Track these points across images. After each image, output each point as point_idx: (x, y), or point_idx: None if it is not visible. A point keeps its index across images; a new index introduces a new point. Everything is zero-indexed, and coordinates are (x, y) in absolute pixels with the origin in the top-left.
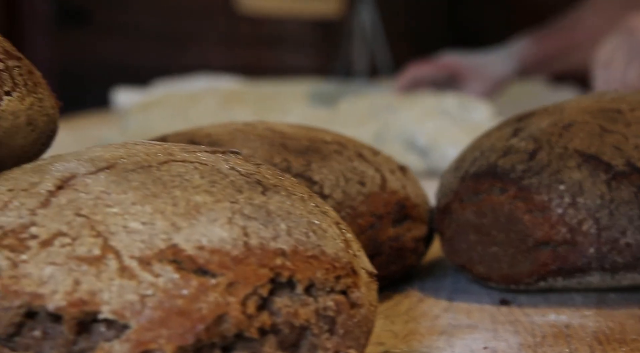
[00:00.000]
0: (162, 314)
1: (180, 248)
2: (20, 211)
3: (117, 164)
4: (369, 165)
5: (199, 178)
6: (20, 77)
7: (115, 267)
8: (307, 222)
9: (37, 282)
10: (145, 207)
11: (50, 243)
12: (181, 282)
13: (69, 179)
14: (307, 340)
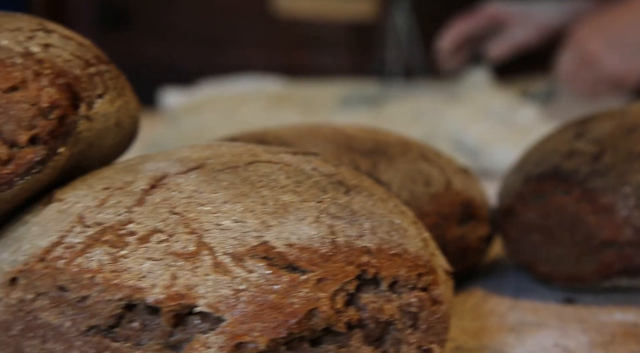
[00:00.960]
0: (256, 308)
1: (271, 246)
2: (117, 209)
3: (206, 164)
4: (433, 166)
5: (285, 179)
6: (110, 81)
7: (210, 262)
8: (388, 221)
9: (137, 276)
10: (236, 206)
11: (147, 240)
12: (273, 277)
13: (161, 178)
14: (391, 335)
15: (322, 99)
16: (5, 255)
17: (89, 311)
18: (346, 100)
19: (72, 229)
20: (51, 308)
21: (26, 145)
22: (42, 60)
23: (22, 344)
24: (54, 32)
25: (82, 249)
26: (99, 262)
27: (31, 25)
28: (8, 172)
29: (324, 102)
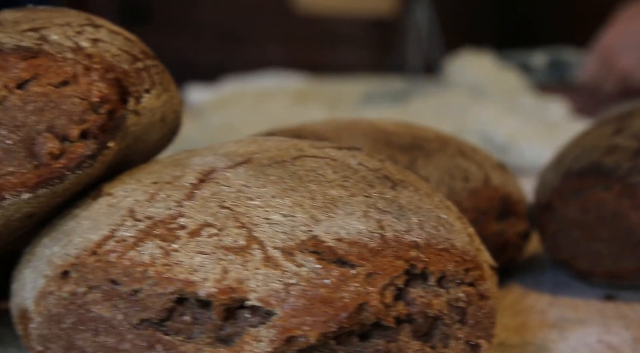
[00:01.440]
0: (306, 302)
1: (320, 240)
2: (167, 203)
3: (253, 158)
4: (471, 161)
5: (332, 173)
6: (156, 75)
7: (260, 256)
8: (435, 216)
9: (189, 269)
10: (285, 200)
11: (198, 234)
12: (323, 271)
13: (210, 173)
14: (439, 330)
15: (346, 95)
16: (56, 249)
17: (141, 304)
18: (370, 96)
19: (123, 223)
20: (103, 302)
21: (77, 139)
22: (91, 55)
23: (73, 337)
24: (101, 27)
25: (134, 243)
26: (151, 256)
27: (79, 20)
28: (60, 166)
29: (348, 98)
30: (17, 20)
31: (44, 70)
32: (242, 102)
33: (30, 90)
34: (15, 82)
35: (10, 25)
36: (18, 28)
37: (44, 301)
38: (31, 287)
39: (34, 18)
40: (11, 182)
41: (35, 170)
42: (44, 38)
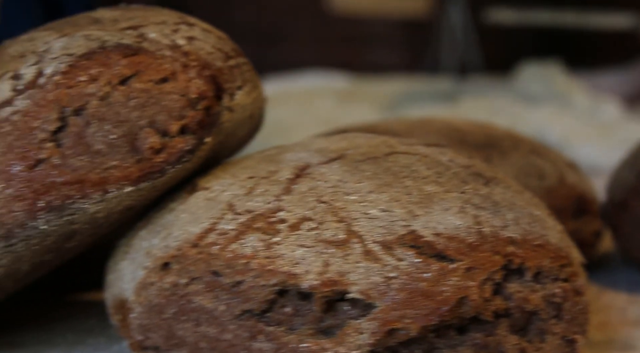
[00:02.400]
0: (407, 295)
1: (419, 235)
2: (265, 197)
3: (346, 154)
4: (545, 160)
5: (426, 170)
6: (247, 73)
7: (360, 250)
8: (529, 212)
9: (291, 262)
10: (382, 196)
11: (298, 227)
12: (422, 265)
13: (305, 168)
14: (535, 325)
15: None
16: (155, 241)
17: (243, 296)
18: (416, 96)
19: (223, 216)
20: (205, 293)
21: (176, 134)
22: (188, 53)
23: (174, 327)
24: (195, 26)
25: (236, 236)
26: (253, 248)
27: (173, 18)
28: (160, 161)
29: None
30: (115, 19)
31: (144, 67)
32: (289, 101)
33: (133, 87)
34: (118, 78)
35: (109, 23)
36: (117, 26)
37: (144, 292)
38: (130, 278)
39: (130, 16)
40: (115, 175)
41: (137, 164)
42: (142, 36)
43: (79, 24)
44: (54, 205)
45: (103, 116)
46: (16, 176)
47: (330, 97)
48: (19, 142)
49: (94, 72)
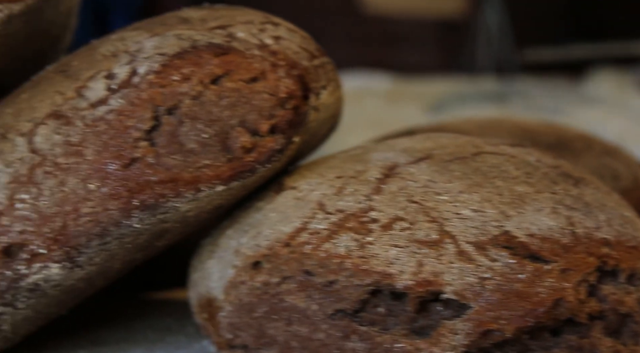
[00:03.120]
0: (502, 296)
1: (512, 235)
2: (356, 197)
3: (433, 154)
4: (618, 161)
5: (515, 170)
6: (330, 73)
7: (454, 250)
8: (620, 214)
9: (385, 262)
10: (473, 196)
11: (390, 227)
12: (517, 266)
13: (393, 168)
14: (628, 327)
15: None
16: (244, 240)
17: (336, 295)
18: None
19: (315, 216)
20: (297, 292)
21: (266, 134)
22: (276, 52)
23: (265, 325)
24: (280, 25)
25: (328, 235)
26: (347, 248)
27: (259, 18)
28: (251, 160)
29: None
30: (203, 18)
31: (235, 66)
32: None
33: (224, 86)
34: (210, 77)
35: (198, 23)
36: (206, 26)
37: (234, 290)
38: (218, 277)
39: (218, 16)
40: (207, 174)
41: (228, 163)
42: (231, 35)
43: (168, 24)
44: (148, 203)
45: (196, 115)
46: (111, 175)
47: (378, 97)
48: (114, 141)
49: (186, 72)
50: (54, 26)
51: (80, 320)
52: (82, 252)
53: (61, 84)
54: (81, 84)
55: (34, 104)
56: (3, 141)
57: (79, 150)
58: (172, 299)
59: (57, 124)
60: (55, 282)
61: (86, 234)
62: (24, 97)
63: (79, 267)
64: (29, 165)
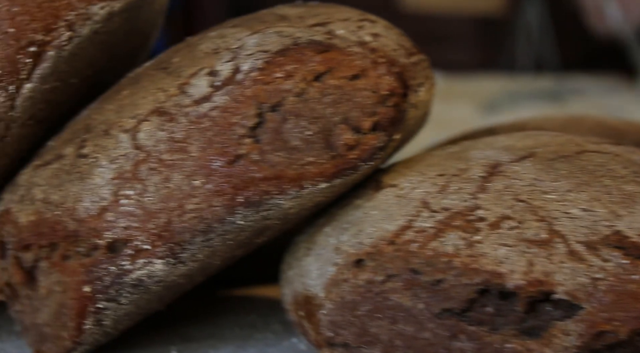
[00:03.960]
0: (615, 297)
1: (624, 235)
2: (460, 195)
3: (536, 152)
4: None
5: (622, 169)
6: (427, 70)
7: (564, 250)
8: None
9: (495, 261)
10: (581, 195)
11: (498, 226)
12: (630, 267)
13: (496, 166)
14: None
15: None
16: (345, 238)
17: (443, 294)
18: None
19: (419, 214)
20: (403, 291)
21: (368, 131)
22: (375, 49)
23: (368, 324)
24: (377, 22)
25: (435, 233)
26: (455, 247)
27: (356, 15)
28: (354, 157)
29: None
30: (301, 16)
31: (337, 63)
32: None
33: (327, 83)
34: (312, 75)
35: (297, 20)
36: (305, 23)
37: (336, 288)
38: (317, 274)
39: (315, 13)
40: (311, 171)
41: (332, 161)
42: (331, 33)
43: (267, 21)
44: (252, 200)
45: (299, 112)
46: (216, 171)
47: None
48: (219, 138)
49: (289, 69)
50: (147, 24)
51: (166, 315)
52: (185, 249)
53: (163, 81)
54: (183, 81)
55: (136, 101)
56: (106, 137)
57: (183, 146)
58: (251, 296)
59: (161, 121)
60: (158, 278)
61: (190, 230)
62: (125, 94)
63: (182, 263)
64: (133, 161)
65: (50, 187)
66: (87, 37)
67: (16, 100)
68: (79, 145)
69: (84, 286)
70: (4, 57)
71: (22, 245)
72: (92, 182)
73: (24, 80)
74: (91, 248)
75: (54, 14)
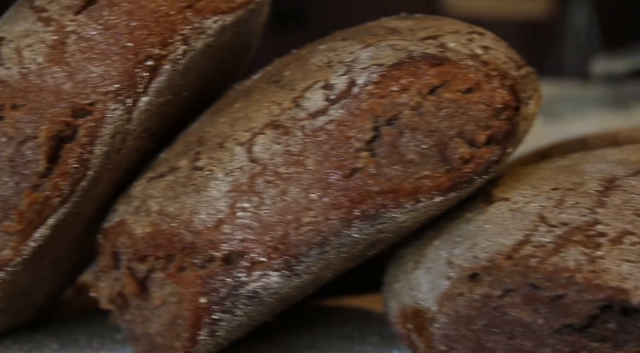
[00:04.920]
0: None
1: None
2: (578, 209)
3: None
4: None
5: None
6: (535, 82)
7: None
8: None
9: (618, 277)
10: None
11: (620, 242)
12: None
13: (612, 181)
14: None
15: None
16: (457, 252)
17: (564, 310)
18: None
19: (537, 228)
20: (522, 305)
21: (483, 145)
22: (487, 62)
23: (484, 338)
24: (485, 35)
25: (555, 248)
26: (576, 262)
27: (464, 27)
28: (469, 171)
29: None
30: (411, 29)
31: (451, 77)
32: None
33: (442, 97)
34: (427, 88)
35: (407, 33)
36: (416, 36)
37: (450, 302)
38: (429, 287)
39: (425, 26)
40: (427, 185)
41: (447, 174)
42: (443, 45)
43: (377, 34)
44: (369, 214)
45: (415, 126)
46: (333, 184)
47: None
48: (335, 151)
49: (404, 82)
50: (251, 36)
51: (263, 325)
52: (301, 261)
53: (276, 95)
54: (298, 94)
55: (250, 114)
56: (221, 150)
57: (299, 160)
58: (342, 306)
59: (276, 134)
60: (273, 290)
61: (307, 243)
62: (238, 107)
63: (297, 275)
64: (250, 174)
65: (166, 199)
66: (201, 51)
67: (133, 114)
68: (193, 158)
69: (200, 297)
70: (123, 71)
71: (138, 256)
72: (208, 195)
73: (140, 94)
74: (207, 260)
75: (171, 28)
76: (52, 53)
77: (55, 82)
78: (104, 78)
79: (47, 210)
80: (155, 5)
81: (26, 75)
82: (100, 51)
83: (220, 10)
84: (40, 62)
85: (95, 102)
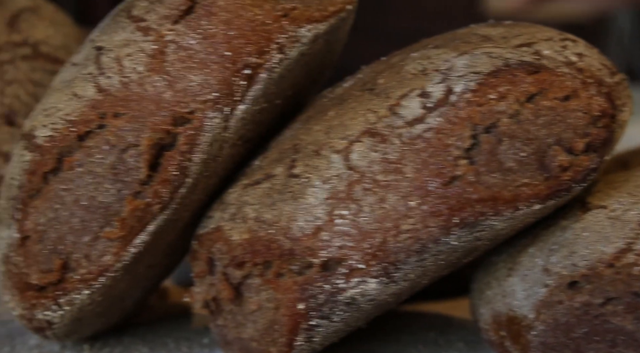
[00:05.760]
0: None
1: None
2: None
3: None
4: None
5: None
6: (627, 90)
7: None
8: None
9: None
10: None
11: None
12: None
13: None
14: None
15: None
16: (554, 259)
17: None
18: None
19: (638, 236)
20: (625, 314)
21: (581, 152)
22: (582, 69)
23: (583, 346)
24: (577, 42)
25: None
26: None
27: (556, 35)
28: (568, 179)
29: None
30: (504, 36)
31: (548, 84)
32: None
33: (540, 104)
34: (525, 96)
35: (501, 40)
36: (510, 43)
37: (548, 310)
38: (524, 295)
39: (517, 33)
40: (525, 193)
41: (546, 182)
42: (538, 53)
43: (471, 41)
44: (468, 221)
45: (514, 134)
46: (432, 192)
47: None
48: (434, 159)
49: (502, 90)
50: (338, 44)
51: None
52: (399, 268)
53: (371, 102)
54: (394, 102)
55: (345, 122)
56: (317, 158)
57: (398, 167)
58: (422, 312)
59: (373, 142)
60: (370, 297)
61: (405, 250)
62: (332, 115)
63: (394, 282)
64: (347, 181)
65: (262, 206)
66: (295, 59)
67: (230, 122)
68: (289, 166)
69: (298, 303)
70: (222, 79)
71: (234, 263)
72: (306, 202)
73: (237, 102)
74: (305, 267)
75: (267, 37)
76: (152, 62)
77: (156, 91)
78: (203, 87)
79: (148, 216)
80: (252, 14)
81: (127, 84)
82: (199, 60)
83: (314, 19)
84: (140, 71)
85: (195, 110)
